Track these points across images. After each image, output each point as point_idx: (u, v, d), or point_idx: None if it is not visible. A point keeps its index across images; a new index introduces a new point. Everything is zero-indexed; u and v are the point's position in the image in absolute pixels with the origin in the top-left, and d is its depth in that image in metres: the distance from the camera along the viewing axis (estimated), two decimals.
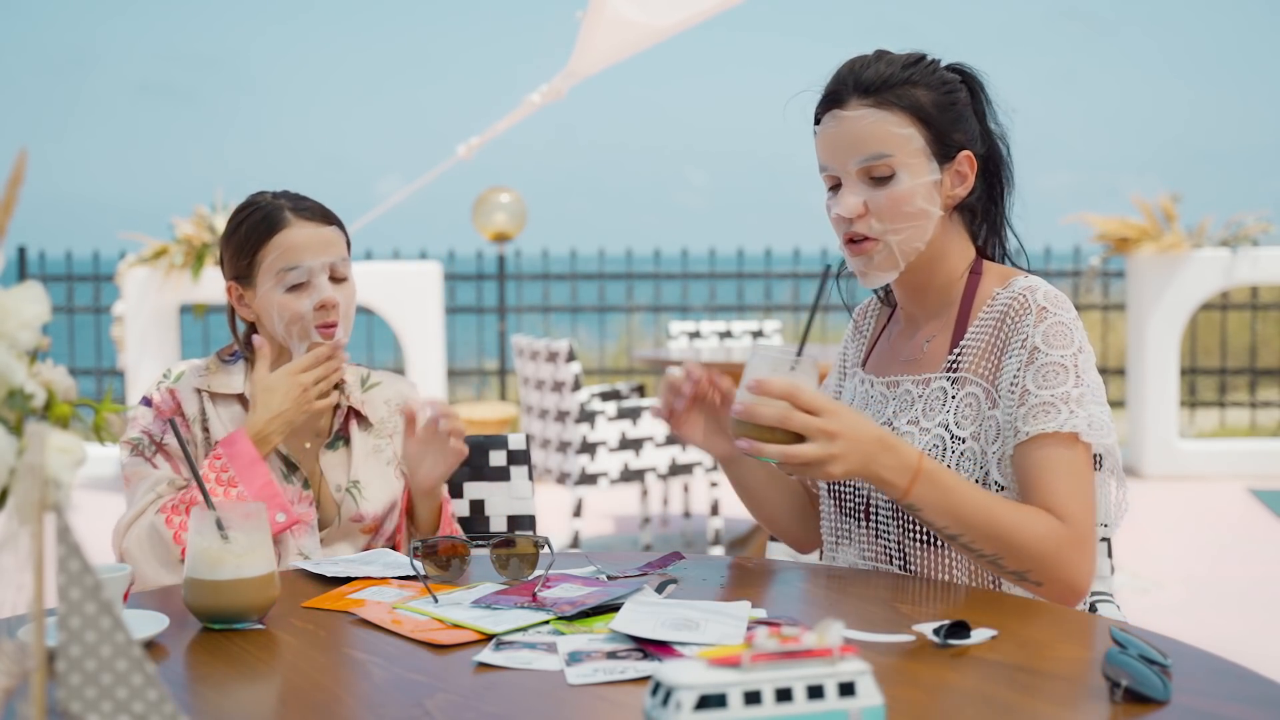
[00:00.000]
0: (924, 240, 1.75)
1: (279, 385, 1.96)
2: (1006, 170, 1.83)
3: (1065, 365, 1.66)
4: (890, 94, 1.74)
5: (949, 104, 1.76)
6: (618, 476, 4.87)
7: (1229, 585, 4.99)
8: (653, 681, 1.02)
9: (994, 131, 1.82)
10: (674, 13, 5.49)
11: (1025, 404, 1.65)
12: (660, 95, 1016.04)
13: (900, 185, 1.73)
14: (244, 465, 1.92)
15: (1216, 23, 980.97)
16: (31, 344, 0.94)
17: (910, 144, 1.73)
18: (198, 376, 2.04)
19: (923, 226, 1.74)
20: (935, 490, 1.57)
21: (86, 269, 8.71)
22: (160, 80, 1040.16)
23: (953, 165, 1.76)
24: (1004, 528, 1.58)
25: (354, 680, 1.32)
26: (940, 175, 1.75)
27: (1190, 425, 8.70)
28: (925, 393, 1.76)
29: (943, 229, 1.77)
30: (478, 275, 9.07)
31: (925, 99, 1.74)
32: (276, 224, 2.00)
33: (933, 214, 1.75)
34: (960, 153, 1.76)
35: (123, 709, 0.86)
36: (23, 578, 0.83)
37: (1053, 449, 1.63)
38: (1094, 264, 8.13)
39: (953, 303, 1.79)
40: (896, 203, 1.73)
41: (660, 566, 1.70)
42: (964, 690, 1.23)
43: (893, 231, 1.73)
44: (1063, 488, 1.62)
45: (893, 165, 1.73)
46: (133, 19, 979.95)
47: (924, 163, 1.74)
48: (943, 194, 1.76)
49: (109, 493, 6.99)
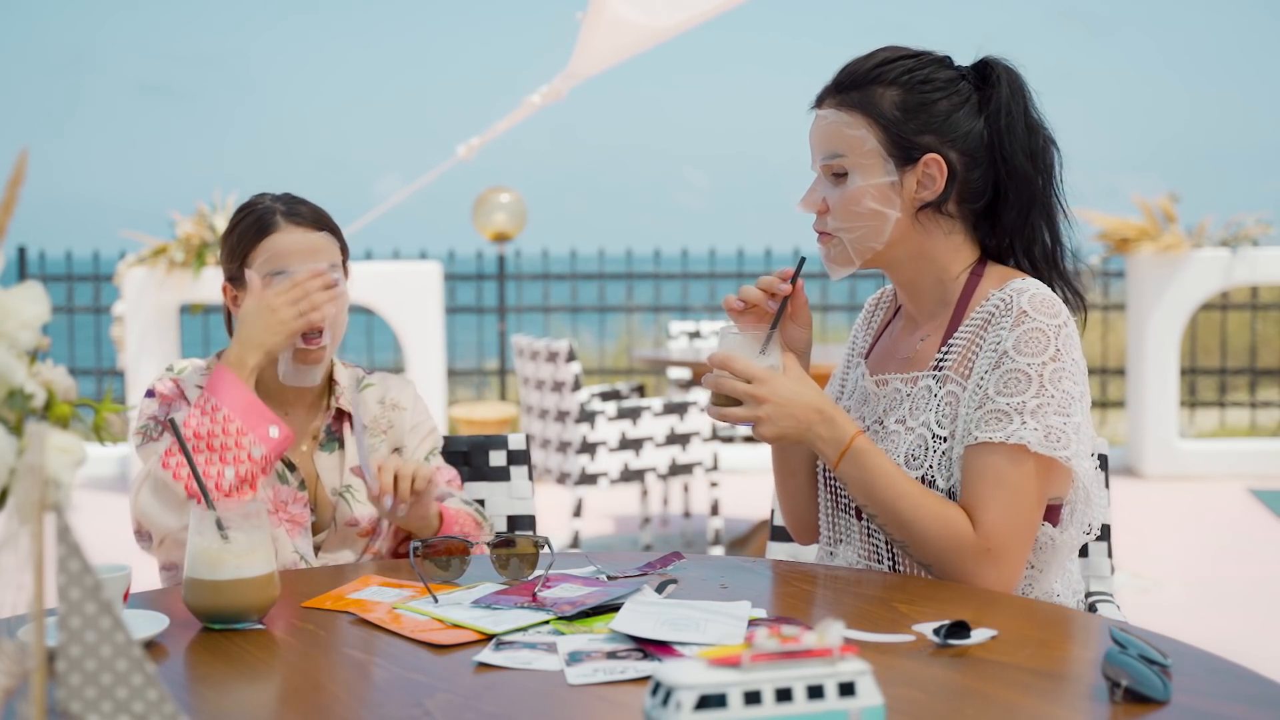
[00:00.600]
0: (880, 240, 1.76)
1: (249, 313, 1.97)
2: (1025, 172, 1.75)
3: (1029, 374, 1.64)
4: (852, 94, 1.75)
5: (919, 105, 1.73)
6: (618, 476, 4.87)
7: (1229, 585, 4.99)
8: (653, 681, 1.02)
9: (1008, 132, 1.74)
10: (674, 14, 5.48)
11: (982, 408, 1.66)
12: (660, 95, 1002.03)
13: (852, 186, 1.75)
14: (223, 388, 1.93)
15: (1216, 22, 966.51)
16: (32, 344, 0.94)
17: (863, 145, 1.74)
18: (200, 375, 2.05)
19: (876, 227, 1.75)
20: (858, 469, 1.67)
21: (86, 269, 8.71)
22: (160, 80, 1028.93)
23: (916, 168, 1.74)
24: (911, 519, 1.65)
25: (354, 680, 1.32)
26: (898, 177, 1.74)
27: (1190, 425, 8.70)
28: (913, 391, 1.75)
29: (922, 229, 1.76)
30: (478, 275, 9.07)
31: (889, 99, 1.74)
32: (267, 228, 2.01)
33: (888, 215, 1.74)
34: (925, 155, 1.73)
35: (123, 709, 0.86)
36: (23, 578, 0.83)
37: (992, 457, 1.64)
38: (1094, 264, 8.13)
39: (949, 303, 1.78)
40: (847, 202, 1.75)
41: (660, 566, 1.70)
42: (964, 690, 1.23)
43: (846, 230, 1.76)
44: (987, 496, 1.64)
45: (845, 165, 1.75)
46: (133, 19, 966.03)
47: (878, 164, 1.74)
48: (905, 196, 1.74)
49: (109, 493, 6.99)
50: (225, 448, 1.91)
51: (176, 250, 6.80)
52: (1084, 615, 1.49)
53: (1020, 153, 1.74)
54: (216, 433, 1.91)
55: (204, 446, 1.90)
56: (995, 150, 1.75)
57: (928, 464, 1.69)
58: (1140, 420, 7.33)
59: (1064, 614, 1.49)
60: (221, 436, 1.91)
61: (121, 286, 7.04)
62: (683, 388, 6.19)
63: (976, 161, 1.75)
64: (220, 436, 1.91)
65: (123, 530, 2.09)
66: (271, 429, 1.93)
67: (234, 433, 1.91)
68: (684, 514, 6.13)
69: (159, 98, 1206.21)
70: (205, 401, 1.94)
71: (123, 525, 2.09)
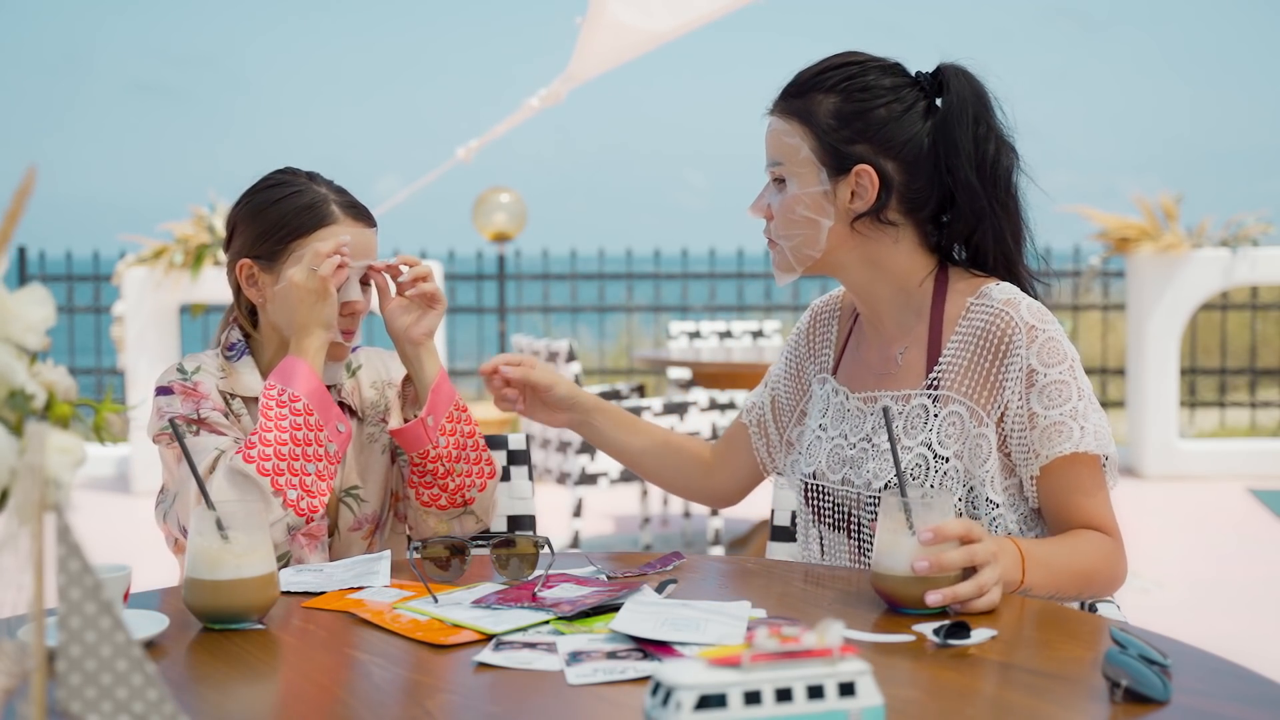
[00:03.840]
0: (816, 248, 1.76)
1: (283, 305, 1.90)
2: (971, 181, 1.72)
3: (1066, 380, 1.67)
4: (792, 102, 1.77)
5: (855, 113, 1.72)
6: (618, 476, 4.87)
7: (1229, 585, 4.99)
8: (653, 681, 1.02)
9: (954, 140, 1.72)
10: (672, 18, 5.48)
11: (1036, 427, 1.66)
12: (659, 96, 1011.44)
13: (788, 193, 1.77)
14: (296, 379, 1.84)
15: (1216, 22, 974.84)
16: (37, 346, 0.94)
17: (798, 153, 1.75)
18: (218, 377, 1.95)
19: (811, 235, 1.76)
20: (1040, 569, 1.60)
21: (86, 269, 8.70)
22: (157, 80, 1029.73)
23: (849, 177, 1.73)
24: (1085, 571, 1.66)
25: (354, 680, 1.32)
26: (830, 186, 1.74)
27: (1190, 425, 8.70)
28: (905, 410, 1.74)
29: (865, 238, 1.75)
30: (478, 275, 9.07)
31: (825, 107, 1.74)
32: (326, 217, 1.92)
33: (821, 223, 1.75)
34: (857, 165, 1.72)
35: (123, 709, 0.86)
36: (23, 578, 0.83)
37: (1077, 468, 1.68)
38: (1094, 264, 8.13)
39: (920, 313, 1.78)
40: (782, 210, 1.77)
41: (660, 566, 1.70)
42: (964, 690, 1.23)
43: (785, 237, 1.78)
44: (1096, 504, 1.69)
45: (784, 173, 1.77)
46: (130, 19, 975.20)
47: (812, 172, 1.75)
48: (838, 205, 1.74)
49: (109, 493, 6.99)
50: (308, 442, 1.84)
51: (176, 251, 6.80)
52: (1084, 615, 1.49)
53: (967, 161, 1.72)
54: (300, 424, 1.83)
55: (288, 439, 1.81)
56: (941, 159, 1.73)
57: (929, 483, 1.70)
58: (1140, 420, 7.33)
59: (1064, 614, 1.49)
60: (305, 430, 1.83)
61: (121, 287, 7.04)
62: (682, 388, 6.19)
63: (919, 170, 1.73)
64: (305, 430, 1.83)
65: (123, 530, 2.09)
66: (339, 424, 1.88)
67: (314, 426, 1.84)
68: (684, 514, 6.13)
69: (156, 98, 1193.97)
70: (279, 393, 1.84)
71: (123, 525, 2.09)
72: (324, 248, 1.88)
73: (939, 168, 1.73)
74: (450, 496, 1.97)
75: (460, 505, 1.98)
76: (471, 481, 1.97)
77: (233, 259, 1.98)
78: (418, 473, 1.96)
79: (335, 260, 1.88)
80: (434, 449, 1.93)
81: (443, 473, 1.95)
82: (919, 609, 1.44)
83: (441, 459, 1.94)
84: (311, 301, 1.87)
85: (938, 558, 1.43)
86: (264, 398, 1.85)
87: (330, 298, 1.88)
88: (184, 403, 1.90)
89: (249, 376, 1.96)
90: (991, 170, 1.74)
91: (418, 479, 1.96)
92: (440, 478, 1.95)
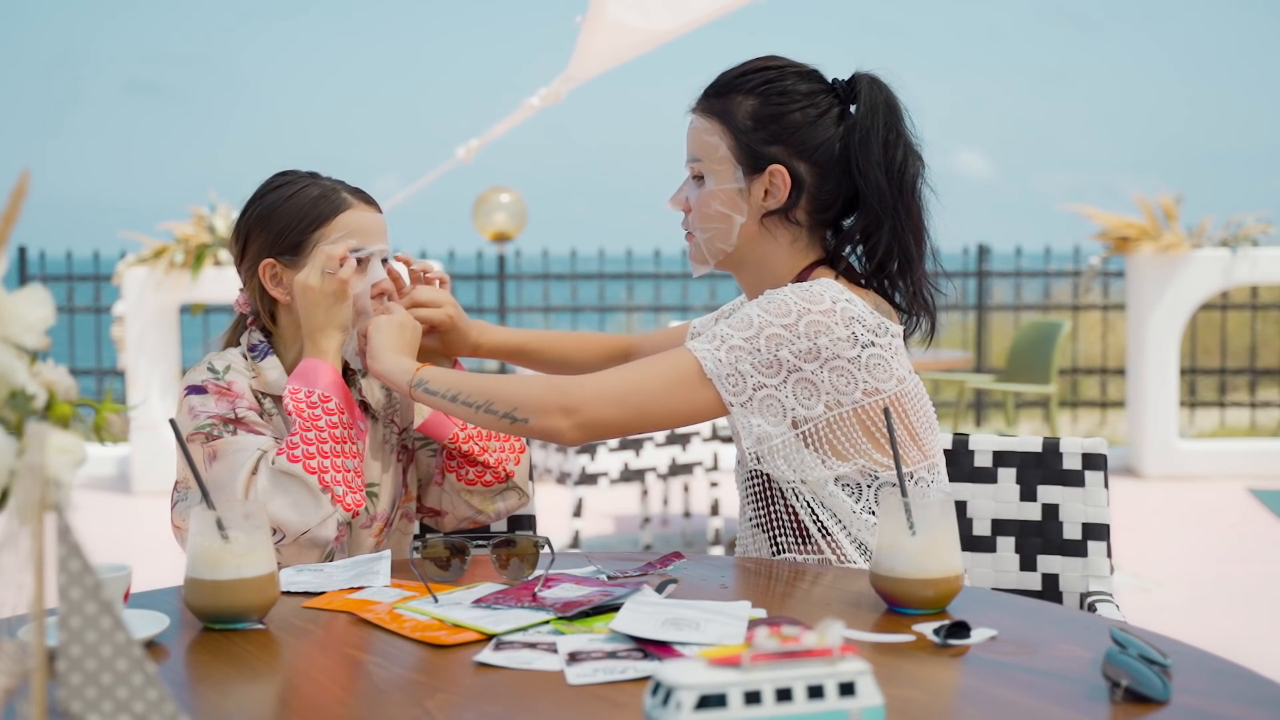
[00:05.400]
0: (729, 243, 1.83)
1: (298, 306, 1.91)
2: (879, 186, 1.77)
3: (751, 319, 1.70)
4: (713, 101, 1.83)
5: (771, 116, 1.79)
6: (618, 476, 4.87)
7: (1229, 585, 4.99)
8: (653, 681, 1.02)
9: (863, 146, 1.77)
10: (672, 18, 5.48)
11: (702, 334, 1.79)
12: (659, 96, 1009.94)
13: (706, 188, 1.83)
14: (322, 379, 1.86)
15: (1215, 22, 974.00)
16: (36, 346, 0.94)
17: (716, 152, 1.82)
18: (248, 376, 1.94)
19: (724, 230, 1.83)
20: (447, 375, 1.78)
21: (86, 269, 8.70)
22: (155, 80, 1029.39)
23: (763, 177, 1.80)
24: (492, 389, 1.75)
25: (354, 680, 1.32)
26: (745, 184, 1.80)
27: (1190, 425, 8.70)
28: None
29: (767, 235, 1.82)
30: (478, 275, 9.07)
31: (744, 108, 1.80)
32: (340, 204, 1.95)
33: (734, 219, 1.82)
34: (771, 165, 1.79)
35: (123, 709, 0.86)
36: (23, 578, 0.83)
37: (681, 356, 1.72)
38: (1094, 264, 8.13)
39: None
40: (699, 204, 1.84)
41: (660, 566, 1.70)
42: (964, 690, 1.23)
43: (700, 230, 1.85)
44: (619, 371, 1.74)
45: (702, 169, 1.84)
46: (128, 19, 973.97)
47: (729, 170, 1.81)
48: (751, 202, 1.81)
49: (109, 493, 6.99)
50: (347, 439, 1.86)
51: (176, 251, 6.80)
52: (1084, 615, 1.50)
53: (875, 167, 1.78)
54: (337, 423, 1.85)
55: (329, 438, 1.83)
56: (851, 162, 1.79)
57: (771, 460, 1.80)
58: (1140, 420, 7.33)
59: (1064, 614, 1.49)
60: (342, 429, 1.86)
61: (121, 286, 7.05)
62: None
63: (830, 173, 1.80)
64: (341, 429, 1.85)
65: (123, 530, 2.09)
66: (360, 422, 1.90)
67: (347, 424, 1.87)
68: (684, 514, 6.13)
69: (155, 98, 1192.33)
70: (308, 394, 1.85)
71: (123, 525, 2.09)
72: (335, 250, 1.91)
73: (849, 171, 1.80)
74: (494, 471, 2.02)
75: (504, 480, 2.03)
76: (507, 456, 2.03)
77: (251, 265, 1.97)
78: (454, 457, 2.01)
79: (352, 262, 1.91)
80: (462, 430, 1.99)
81: (478, 450, 2.00)
82: (919, 609, 1.45)
83: (473, 438, 2.00)
84: (329, 304, 1.90)
85: None
86: (291, 399, 1.85)
87: (347, 300, 1.92)
88: (218, 402, 1.88)
89: (277, 375, 1.95)
90: (899, 175, 1.80)
91: (456, 463, 2.02)
92: (479, 455, 2.00)
